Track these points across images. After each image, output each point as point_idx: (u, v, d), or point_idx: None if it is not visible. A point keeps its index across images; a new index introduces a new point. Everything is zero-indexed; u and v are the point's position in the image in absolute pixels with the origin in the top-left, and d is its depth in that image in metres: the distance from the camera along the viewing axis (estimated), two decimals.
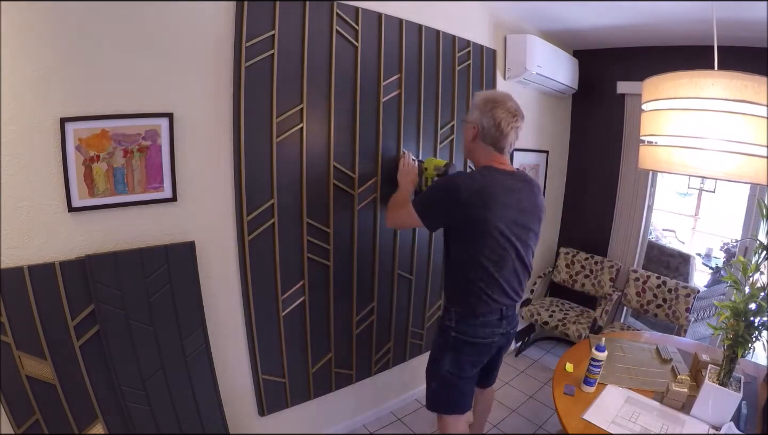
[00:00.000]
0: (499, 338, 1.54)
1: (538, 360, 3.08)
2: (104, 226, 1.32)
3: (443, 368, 1.56)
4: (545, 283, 3.34)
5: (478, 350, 1.54)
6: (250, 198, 1.59)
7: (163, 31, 1.34)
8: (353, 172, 1.86)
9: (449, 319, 1.53)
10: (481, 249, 1.41)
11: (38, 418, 1.24)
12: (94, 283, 1.28)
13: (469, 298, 1.47)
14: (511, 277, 1.48)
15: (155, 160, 1.38)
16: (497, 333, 1.52)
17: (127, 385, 1.37)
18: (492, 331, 1.51)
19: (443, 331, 1.56)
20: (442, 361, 1.56)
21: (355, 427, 2.25)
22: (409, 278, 2.21)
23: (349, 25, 1.73)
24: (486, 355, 1.57)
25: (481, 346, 1.53)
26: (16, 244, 1.18)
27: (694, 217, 5.30)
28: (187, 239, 1.47)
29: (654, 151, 1.55)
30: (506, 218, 1.40)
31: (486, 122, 1.44)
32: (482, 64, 2.31)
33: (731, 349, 1.35)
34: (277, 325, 1.76)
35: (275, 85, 1.56)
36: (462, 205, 1.38)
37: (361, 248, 1.95)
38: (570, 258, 3.19)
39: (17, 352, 1.19)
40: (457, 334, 1.51)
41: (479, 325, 1.49)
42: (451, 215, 1.44)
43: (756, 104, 1.25)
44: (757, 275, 1.31)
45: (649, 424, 1.40)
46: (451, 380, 1.56)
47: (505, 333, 1.56)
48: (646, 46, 2.76)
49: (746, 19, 1.95)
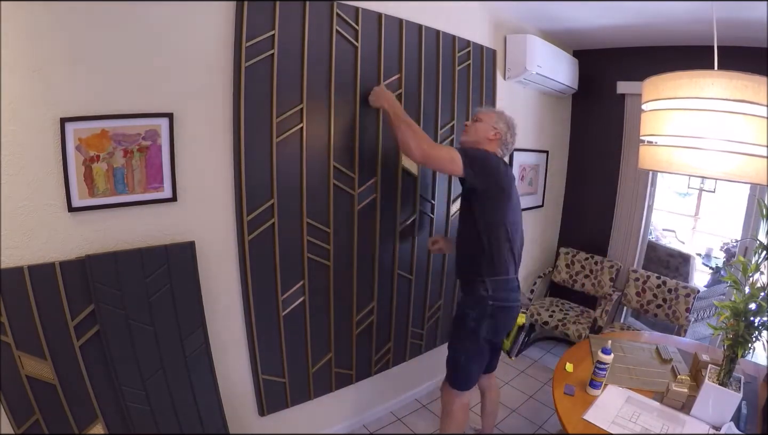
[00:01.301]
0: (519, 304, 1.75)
1: (538, 360, 3.08)
2: (104, 226, 1.32)
3: (481, 336, 1.67)
4: (545, 283, 3.34)
5: (511, 313, 1.72)
6: (250, 198, 1.59)
7: (163, 30, 1.34)
8: (353, 172, 1.86)
9: (484, 289, 1.65)
10: (511, 216, 1.67)
11: (38, 418, 1.24)
12: (94, 283, 1.28)
13: (499, 268, 1.65)
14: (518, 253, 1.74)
15: (155, 160, 1.38)
16: (518, 299, 1.74)
17: (127, 385, 1.37)
18: (517, 296, 1.73)
19: (478, 302, 1.66)
20: (479, 330, 1.67)
21: (355, 427, 2.25)
22: (409, 278, 2.21)
23: (349, 25, 1.73)
24: (513, 320, 1.76)
25: (513, 310, 1.72)
26: (16, 244, 1.18)
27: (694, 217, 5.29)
28: (187, 239, 1.47)
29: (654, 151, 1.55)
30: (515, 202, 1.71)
31: (509, 137, 1.77)
32: (482, 64, 2.31)
33: (731, 349, 1.35)
34: (277, 325, 1.76)
35: (275, 85, 1.56)
36: (500, 176, 1.64)
37: (361, 248, 1.95)
38: (570, 258, 3.19)
39: (17, 352, 1.19)
40: (494, 302, 1.65)
41: (510, 289, 1.69)
42: (493, 178, 1.63)
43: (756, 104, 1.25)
44: (757, 275, 1.31)
45: (649, 424, 1.40)
46: (483, 349, 1.71)
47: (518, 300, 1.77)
48: (646, 46, 2.76)
49: (746, 19, 1.95)
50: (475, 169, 1.59)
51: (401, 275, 2.16)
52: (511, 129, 1.77)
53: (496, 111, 1.80)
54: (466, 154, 1.59)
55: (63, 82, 1.19)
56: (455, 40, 2.14)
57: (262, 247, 1.65)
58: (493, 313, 1.66)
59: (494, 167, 1.64)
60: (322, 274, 1.86)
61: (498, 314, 1.67)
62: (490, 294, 1.64)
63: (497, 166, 1.65)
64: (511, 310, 1.71)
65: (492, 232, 1.64)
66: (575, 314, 2.91)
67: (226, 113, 1.51)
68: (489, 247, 1.65)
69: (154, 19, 1.31)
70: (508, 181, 1.67)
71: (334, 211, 1.81)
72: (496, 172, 1.64)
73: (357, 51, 1.77)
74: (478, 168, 1.60)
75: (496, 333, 1.72)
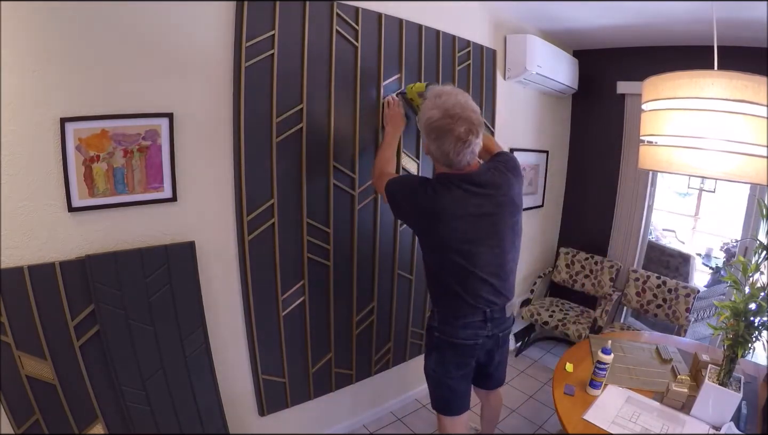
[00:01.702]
0: (484, 340, 1.49)
1: (538, 360, 3.08)
2: (104, 226, 1.32)
3: (429, 367, 1.59)
4: (545, 283, 3.34)
5: (461, 352, 1.50)
6: (250, 198, 1.59)
7: (163, 30, 1.34)
8: (353, 172, 1.86)
9: (433, 319, 1.55)
10: (445, 259, 1.40)
11: (38, 418, 1.24)
12: (94, 283, 1.28)
13: (448, 301, 1.46)
14: (489, 282, 1.41)
15: (155, 160, 1.38)
16: (481, 335, 1.47)
17: (127, 385, 1.37)
18: (475, 333, 1.46)
19: (428, 331, 1.59)
20: (428, 360, 1.60)
21: (355, 427, 2.25)
22: (409, 278, 2.21)
23: (349, 25, 1.73)
24: (470, 357, 1.52)
25: (464, 348, 1.49)
26: (16, 244, 1.18)
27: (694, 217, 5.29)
28: (187, 239, 1.47)
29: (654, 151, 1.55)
30: (464, 231, 1.36)
31: (434, 150, 1.34)
32: (482, 64, 2.31)
33: (731, 349, 1.35)
34: (277, 325, 1.76)
35: (275, 85, 1.56)
36: (414, 216, 1.43)
37: (361, 248, 1.95)
38: (570, 258, 3.19)
39: (17, 352, 1.19)
40: (440, 335, 1.50)
41: (460, 326, 1.46)
42: (409, 220, 1.50)
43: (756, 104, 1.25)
44: (757, 275, 1.31)
45: (649, 424, 1.40)
46: (438, 380, 1.58)
47: (492, 335, 1.50)
48: (646, 46, 2.76)
49: (746, 19, 1.95)
50: (393, 208, 1.50)
51: (401, 275, 2.16)
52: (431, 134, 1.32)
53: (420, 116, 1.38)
54: (388, 189, 1.48)
55: (63, 82, 1.19)
56: (455, 40, 2.14)
57: (262, 247, 1.65)
58: (439, 347, 1.52)
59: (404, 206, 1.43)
60: (322, 274, 1.86)
61: (444, 349, 1.51)
62: (436, 326, 1.51)
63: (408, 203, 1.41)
64: (461, 347, 1.48)
65: (439, 274, 1.46)
66: (575, 314, 2.91)
67: (226, 113, 1.51)
68: (434, 279, 1.50)
69: (154, 19, 1.31)
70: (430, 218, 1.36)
71: (334, 211, 1.81)
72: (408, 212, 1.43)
73: (357, 51, 1.77)
74: (393, 208, 1.50)
75: (446, 370, 1.52)
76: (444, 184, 1.37)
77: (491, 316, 1.46)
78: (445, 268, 1.42)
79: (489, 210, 1.38)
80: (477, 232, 1.37)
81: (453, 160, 1.32)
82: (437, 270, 1.47)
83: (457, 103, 1.31)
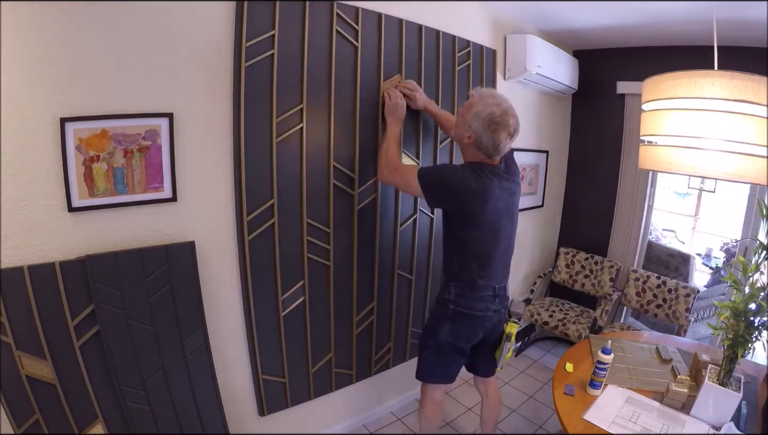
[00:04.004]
0: (492, 314, 1.66)
1: (538, 360, 3.08)
2: (104, 226, 1.32)
3: (440, 336, 1.67)
4: (545, 283, 3.34)
5: (474, 322, 1.65)
6: (250, 198, 1.59)
7: (163, 30, 1.34)
8: (353, 172, 1.86)
9: (448, 292, 1.65)
10: (477, 235, 1.57)
11: (38, 418, 1.24)
12: (94, 283, 1.28)
13: (467, 275, 1.61)
14: (502, 257, 1.65)
15: (155, 160, 1.38)
16: (491, 308, 1.65)
17: (127, 385, 1.37)
18: (486, 306, 1.64)
19: (442, 304, 1.68)
20: (439, 330, 1.68)
21: (355, 427, 2.25)
22: (409, 278, 2.21)
23: (349, 25, 1.73)
24: (480, 329, 1.67)
25: (477, 319, 1.65)
26: (16, 244, 1.18)
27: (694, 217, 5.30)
28: (187, 239, 1.47)
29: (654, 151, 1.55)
30: (497, 211, 1.56)
31: (486, 139, 1.50)
32: (482, 64, 2.31)
33: (731, 349, 1.35)
34: (277, 325, 1.76)
35: (275, 85, 1.56)
36: (464, 198, 1.53)
37: (361, 248, 1.95)
38: (570, 258, 3.19)
39: (17, 352, 1.19)
40: (456, 307, 1.63)
41: (476, 299, 1.63)
42: (453, 203, 1.57)
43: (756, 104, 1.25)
44: (757, 275, 1.31)
45: (649, 424, 1.40)
46: (444, 348, 1.69)
47: (498, 310, 1.68)
48: (646, 46, 2.76)
49: (746, 19, 1.95)
50: (433, 195, 1.59)
51: (401, 275, 2.16)
52: (491, 126, 1.47)
53: (478, 100, 1.52)
54: (424, 179, 1.57)
55: (63, 82, 1.19)
56: (455, 40, 2.14)
57: (262, 247, 1.65)
58: (454, 317, 1.65)
59: (452, 191, 1.53)
60: (322, 274, 1.86)
61: (458, 319, 1.65)
62: (452, 298, 1.64)
63: (459, 188, 1.52)
64: (474, 318, 1.64)
65: (459, 245, 1.62)
66: (575, 314, 2.91)
67: (226, 113, 1.51)
68: (457, 256, 1.63)
69: (154, 19, 1.31)
70: (480, 199, 1.51)
71: (334, 211, 1.81)
72: (456, 195, 1.53)
73: (357, 51, 1.77)
74: (433, 195, 1.59)
75: (458, 337, 1.67)
76: (482, 170, 1.54)
77: (498, 292, 1.66)
78: (473, 242, 1.58)
79: (510, 196, 1.61)
80: (501, 214, 1.58)
81: (499, 149, 1.52)
82: (464, 244, 1.60)
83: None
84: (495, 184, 1.53)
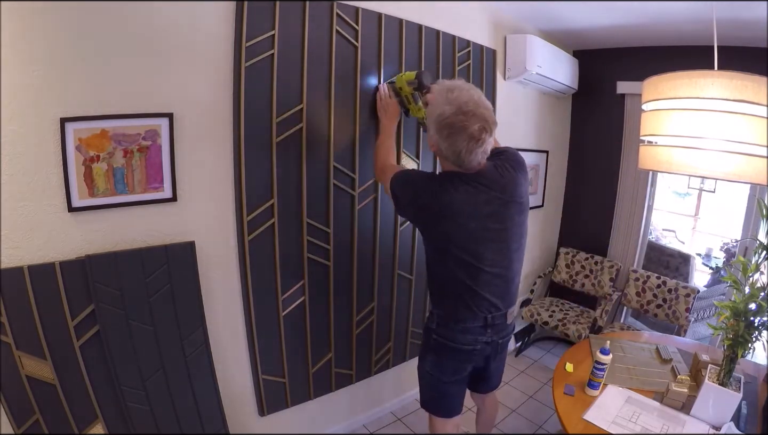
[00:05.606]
0: (483, 347, 1.44)
1: (538, 360, 3.08)
2: (104, 226, 1.32)
3: (425, 368, 1.55)
4: (545, 283, 3.34)
5: (459, 356, 1.46)
6: (250, 198, 1.59)
7: (163, 30, 1.34)
8: (353, 172, 1.85)
9: (431, 321, 1.49)
10: (452, 261, 1.34)
11: (38, 418, 1.24)
12: (94, 283, 1.28)
13: (448, 303, 1.43)
14: (493, 283, 1.37)
15: (155, 160, 1.38)
16: (480, 341, 1.42)
17: (127, 385, 1.37)
18: (474, 339, 1.42)
19: (426, 333, 1.54)
20: (424, 361, 1.56)
21: (355, 427, 2.25)
22: (409, 278, 2.21)
23: (349, 25, 1.73)
24: (468, 363, 1.48)
25: (462, 353, 1.44)
26: (16, 244, 1.18)
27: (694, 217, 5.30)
28: (187, 239, 1.47)
29: (654, 151, 1.55)
30: (473, 230, 1.31)
31: (445, 149, 1.26)
32: (482, 64, 2.31)
33: (731, 349, 1.35)
34: (277, 325, 1.76)
35: (275, 85, 1.56)
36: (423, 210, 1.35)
37: (361, 248, 1.95)
38: (570, 258, 3.19)
39: (17, 352, 1.19)
40: (438, 337, 1.46)
41: (460, 330, 1.41)
42: (411, 215, 1.44)
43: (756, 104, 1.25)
44: (757, 275, 1.31)
45: (649, 424, 1.40)
46: (432, 381, 1.55)
47: (491, 342, 1.45)
48: (646, 46, 2.76)
49: (746, 19, 1.95)
50: (400, 207, 1.43)
51: (401, 275, 2.16)
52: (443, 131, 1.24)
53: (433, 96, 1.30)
54: (393, 188, 1.41)
55: (63, 82, 1.19)
56: (455, 40, 2.14)
57: (262, 247, 1.65)
58: (437, 349, 1.47)
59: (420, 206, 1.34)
60: (322, 274, 1.86)
61: (442, 351, 1.46)
62: (434, 328, 1.46)
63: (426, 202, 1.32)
64: (458, 352, 1.43)
65: (443, 278, 1.41)
66: (575, 314, 2.91)
67: (226, 113, 1.51)
68: (438, 281, 1.45)
69: (154, 18, 1.31)
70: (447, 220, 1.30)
71: (334, 211, 1.81)
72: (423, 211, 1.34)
73: (357, 51, 1.77)
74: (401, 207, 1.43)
75: (442, 371, 1.49)
76: (452, 180, 1.30)
77: (492, 322, 1.41)
78: (449, 267, 1.36)
79: (496, 209, 1.33)
80: (484, 232, 1.32)
81: (464, 159, 1.25)
82: (440, 270, 1.42)
83: (471, 99, 1.24)
84: (464, 196, 1.28)
